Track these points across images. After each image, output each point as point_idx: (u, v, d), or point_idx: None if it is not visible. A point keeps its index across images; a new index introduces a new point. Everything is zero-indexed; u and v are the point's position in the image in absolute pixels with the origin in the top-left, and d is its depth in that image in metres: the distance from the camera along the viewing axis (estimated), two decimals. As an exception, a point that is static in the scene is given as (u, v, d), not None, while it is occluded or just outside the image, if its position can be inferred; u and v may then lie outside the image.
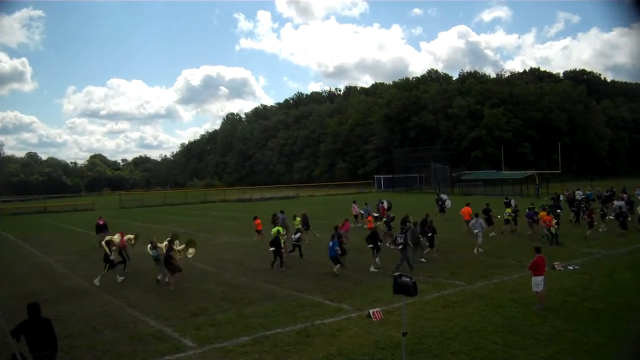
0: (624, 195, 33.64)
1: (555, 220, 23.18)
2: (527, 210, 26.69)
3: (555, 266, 17.62)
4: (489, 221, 25.80)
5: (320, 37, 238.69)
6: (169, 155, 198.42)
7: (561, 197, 35.90)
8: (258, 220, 27.03)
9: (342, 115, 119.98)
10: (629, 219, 25.84)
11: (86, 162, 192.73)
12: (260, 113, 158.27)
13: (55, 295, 16.26)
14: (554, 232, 22.72)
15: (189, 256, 18.60)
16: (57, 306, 14.50)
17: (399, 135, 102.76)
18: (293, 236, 22.37)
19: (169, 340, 11.46)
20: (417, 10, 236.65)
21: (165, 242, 17.77)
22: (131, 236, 20.97)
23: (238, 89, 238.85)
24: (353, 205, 34.45)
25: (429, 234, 20.97)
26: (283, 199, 70.97)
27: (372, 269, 18.59)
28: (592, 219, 25.04)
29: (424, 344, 10.53)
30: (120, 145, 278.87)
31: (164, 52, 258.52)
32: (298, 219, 26.17)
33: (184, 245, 18.54)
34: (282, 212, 27.61)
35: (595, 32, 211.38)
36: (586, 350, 9.95)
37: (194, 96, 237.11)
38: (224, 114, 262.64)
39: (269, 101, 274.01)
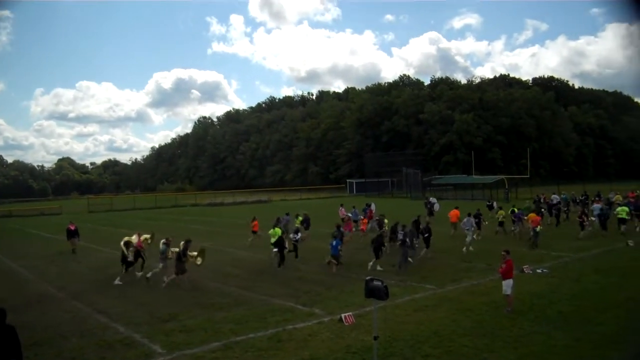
0: (598, 199, 34.99)
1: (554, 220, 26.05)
2: (510, 211, 28.35)
3: (525, 269, 17.91)
4: (478, 225, 26.29)
5: (292, 42, 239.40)
6: (139, 158, 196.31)
7: (553, 199, 36.88)
8: (256, 222, 27.15)
9: (314, 119, 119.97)
10: (608, 219, 27.41)
11: (54, 166, 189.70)
12: (233, 117, 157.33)
13: (21, 302, 15.82)
14: (538, 231, 23.72)
15: (198, 263, 18.57)
16: (23, 313, 14.12)
17: (371, 140, 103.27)
18: (292, 235, 22.73)
19: (138, 347, 11.29)
20: (389, 17, 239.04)
21: (182, 243, 17.93)
22: (147, 235, 20.96)
23: (210, 93, 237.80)
24: (340, 208, 34.66)
25: (426, 235, 21.54)
26: (255, 203, 70.77)
27: (369, 267, 19.07)
28: (584, 220, 26.37)
29: (395, 347, 10.57)
30: (89, 149, 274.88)
31: (135, 54, 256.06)
32: (300, 218, 27.64)
33: (196, 253, 18.65)
34: (287, 214, 28.35)
35: (562, 40, 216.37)
36: (554, 353, 10.12)
37: (165, 99, 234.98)
38: (195, 117, 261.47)
39: (242, 105, 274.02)
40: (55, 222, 46.85)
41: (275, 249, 19.88)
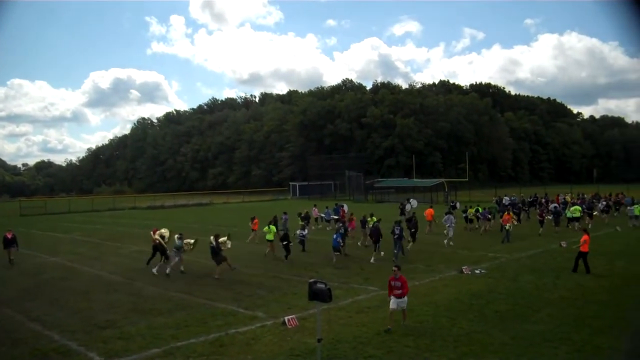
0: (544, 199, 40.05)
1: (515, 218, 29.34)
2: (474, 211, 31.38)
3: (464, 270, 18.37)
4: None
5: (235, 44, 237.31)
6: (74, 160, 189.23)
7: (504, 201, 40.50)
8: (256, 220, 28.45)
9: (257, 122, 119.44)
10: (561, 217, 31.30)
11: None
12: (173, 118, 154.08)
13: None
14: (508, 229, 26.10)
15: (228, 246, 20.20)
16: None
17: (314, 143, 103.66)
18: (298, 232, 24.60)
19: (74, 355, 10.87)
20: (331, 22, 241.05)
21: (212, 237, 19.48)
22: (163, 231, 21.94)
23: (150, 93, 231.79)
24: (313, 209, 36.04)
25: (412, 230, 23.93)
26: (196, 206, 69.66)
27: (372, 260, 21.09)
28: (543, 217, 29.68)
29: (339, 349, 10.59)
30: (22, 149, 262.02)
31: (71, 52, 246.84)
32: (302, 215, 30.19)
33: (226, 238, 20.32)
34: (285, 213, 30.17)
35: (497, 49, 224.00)
36: (492, 351, 10.39)
37: (103, 99, 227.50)
38: (134, 118, 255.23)
39: (183, 106, 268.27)
40: (-16, 226, 44.68)
41: (284, 243, 21.86)
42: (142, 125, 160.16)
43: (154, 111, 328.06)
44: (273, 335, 11.77)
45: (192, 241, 20.79)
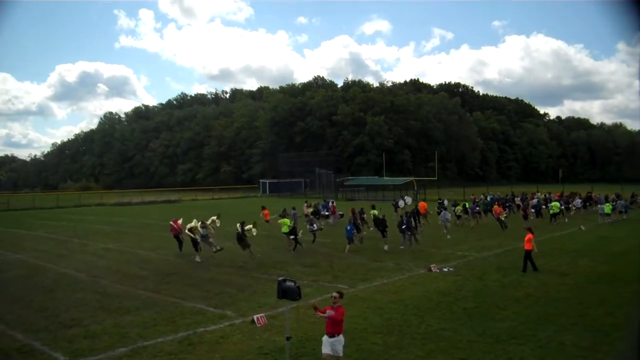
0: (521, 197, 43.75)
1: (506, 212, 32.51)
2: (462, 207, 33.90)
3: (432, 268, 18.56)
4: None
5: (205, 39, 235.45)
6: (39, 155, 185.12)
7: (488, 198, 42.73)
8: (266, 211, 31.09)
9: (227, 118, 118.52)
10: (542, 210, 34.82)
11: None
12: (142, 113, 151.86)
13: None
14: (503, 219, 29.57)
15: (253, 234, 22.00)
16: None
17: (285, 140, 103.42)
18: (309, 226, 25.81)
19: (38, 355, 10.62)
20: (302, 19, 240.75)
21: (238, 225, 21.30)
22: (194, 224, 22.52)
23: (118, 88, 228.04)
24: (304, 205, 36.45)
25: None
26: (165, 202, 68.87)
27: (385, 248, 23.12)
28: (527, 213, 32.24)
29: (307, 347, 10.60)
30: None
31: (36, 45, 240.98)
32: (310, 209, 32.58)
33: (251, 226, 22.04)
34: (293, 208, 31.84)
35: (465, 49, 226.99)
36: (460, 348, 10.52)
37: (69, 93, 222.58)
38: (102, 112, 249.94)
39: (151, 101, 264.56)
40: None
41: (292, 236, 23.09)
42: (110, 120, 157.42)
43: (122, 106, 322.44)
44: (242, 333, 11.71)
45: (216, 217, 22.92)
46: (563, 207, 35.48)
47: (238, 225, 21.24)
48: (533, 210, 33.70)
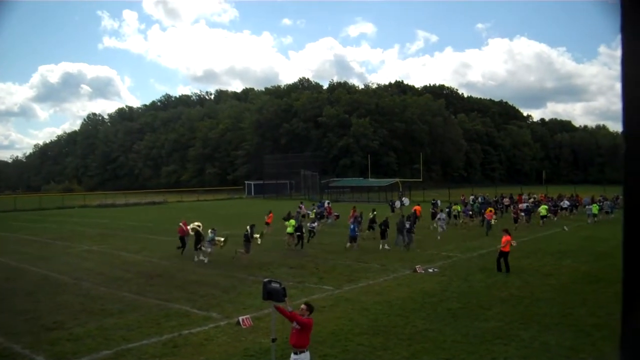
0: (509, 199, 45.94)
1: (495, 218, 32.61)
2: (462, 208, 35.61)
3: (417, 269, 18.61)
4: (433, 216, 33.48)
5: (189, 41, 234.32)
6: (21, 156, 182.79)
7: (479, 200, 44.08)
8: (271, 214, 31.44)
9: (212, 119, 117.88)
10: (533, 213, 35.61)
11: None
12: (125, 114, 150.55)
13: None
14: (493, 223, 30.09)
15: (258, 242, 22.68)
16: None
17: (270, 142, 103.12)
18: (309, 225, 27.13)
19: (18, 359, 10.47)
20: (286, 21, 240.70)
21: (248, 227, 21.98)
22: (197, 224, 23.28)
23: (101, 89, 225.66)
24: (301, 205, 37.96)
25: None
26: (150, 204, 68.38)
27: (385, 247, 24.21)
28: (518, 215, 33.19)
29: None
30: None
31: (18, 45, 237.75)
32: (314, 210, 33.67)
33: (259, 235, 22.86)
34: (300, 205, 34.46)
35: (449, 52, 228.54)
36: (444, 348, 10.56)
37: (52, 94, 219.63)
38: (85, 114, 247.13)
39: (135, 102, 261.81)
40: None
41: (298, 233, 24.58)
42: (93, 122, 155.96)
43: (106, 107, 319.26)
44: (227, 335, 11.64)
45: (223, 239, 22.33)
46: (551, 210, 36.91)
47: (248, 227, 22.00)
48: (523, 214, 34.43)
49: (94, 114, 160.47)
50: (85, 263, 22.08)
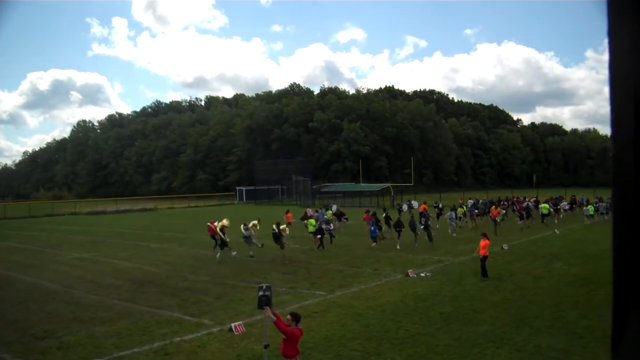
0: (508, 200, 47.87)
1: (504, 212, 35.27)
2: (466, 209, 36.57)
3: (409, 273, 18.61)
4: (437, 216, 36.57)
5: (179, 47, 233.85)
6: (10, 164, 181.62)
7: (480, 202, 44.86)
8: (289, 214, 33.04)
9: (203, 125, 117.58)
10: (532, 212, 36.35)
11: None
12: (116, 121, 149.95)
13: None
14: (499, 220, 31.94)
15: (287, 232, 23.87)
16: None
17: (261, 148, 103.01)
18: (325, 226, 27.17)
19: (8, 368, 10.38)
20: (276, 27, 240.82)
21: (274, 225, 23.09)
22: (225, 222, 24.18)
23: (91, 96, 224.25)
24: (307, 209, 38.29)
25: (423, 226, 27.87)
26: (141, 211, 68.08)
27: (397, 246, 25.43)
28: (522, 215, 33.99)
29: (286, 355, 10.52)
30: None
31: (7, 52, 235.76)
32: (330, 212, 35.13)
33: (285, 226, 24.28)
34: (316, 211, 34.68)
35: (438, 57, 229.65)
36: (437, 352, 10.56)
37: (41, 101, 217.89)
38: (75, 121, 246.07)
39: (126, 109, 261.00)
40: None
41: (318, 235, 25.53)
42: (83, 128, 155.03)
43: (96, 114, 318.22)
44: (220, 342, 11.59)
45: (256, 222, 24.38)
46: (552, 209, 37.60)
47: (274, 225, 22.98)
48: (524, 213, 34.99)
49: (84, 121, 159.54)
50: (76, 271, 21.92)
